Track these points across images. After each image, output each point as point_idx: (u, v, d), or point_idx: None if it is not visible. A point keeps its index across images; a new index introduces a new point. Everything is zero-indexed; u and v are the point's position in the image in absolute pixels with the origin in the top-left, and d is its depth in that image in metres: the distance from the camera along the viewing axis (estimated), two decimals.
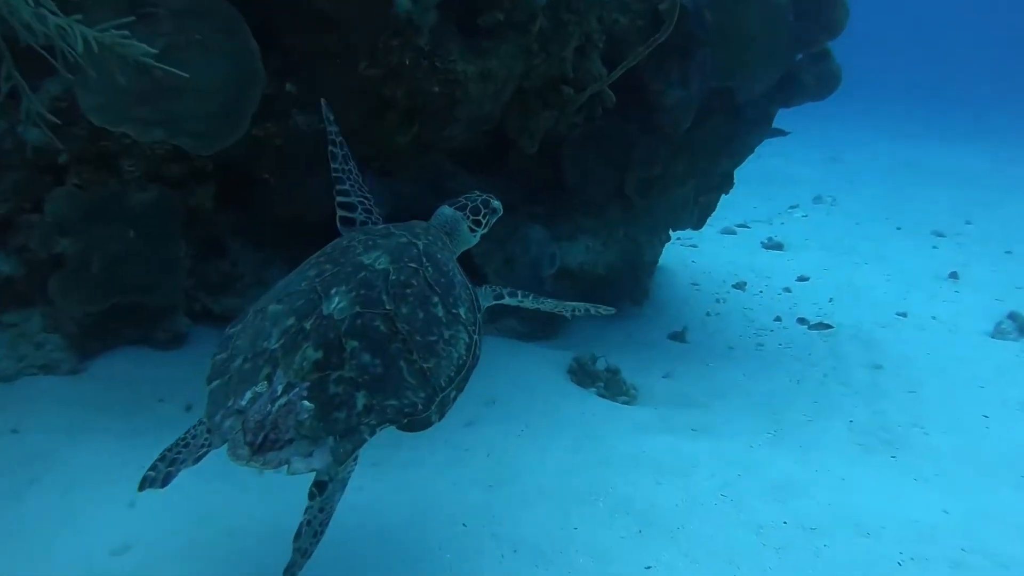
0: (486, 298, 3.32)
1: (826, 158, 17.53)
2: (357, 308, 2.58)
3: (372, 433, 2.46)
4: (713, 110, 6.48)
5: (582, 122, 5.78)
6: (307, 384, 2.42)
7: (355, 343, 2.51)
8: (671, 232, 7.82)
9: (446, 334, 2.74)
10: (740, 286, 8.80)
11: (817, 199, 13.57)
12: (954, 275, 9.41)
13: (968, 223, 12.02)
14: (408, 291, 2.72)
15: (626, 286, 7.28)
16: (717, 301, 8.31)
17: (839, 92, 7.21)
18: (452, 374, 2.69)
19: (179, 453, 2.61)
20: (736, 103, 6.50)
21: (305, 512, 2.67)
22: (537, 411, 5.04)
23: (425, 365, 2.60)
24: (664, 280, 8.46)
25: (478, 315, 3.01)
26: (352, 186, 3.47)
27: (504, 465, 4.26)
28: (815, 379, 6.05)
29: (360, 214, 3.38)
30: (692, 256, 9.91)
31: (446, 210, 3.45)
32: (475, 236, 3.50)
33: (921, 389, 5.85)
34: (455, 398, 2.73)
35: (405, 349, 2.57)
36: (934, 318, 7.93)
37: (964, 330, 7.65)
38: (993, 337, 7.51)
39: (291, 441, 2.34)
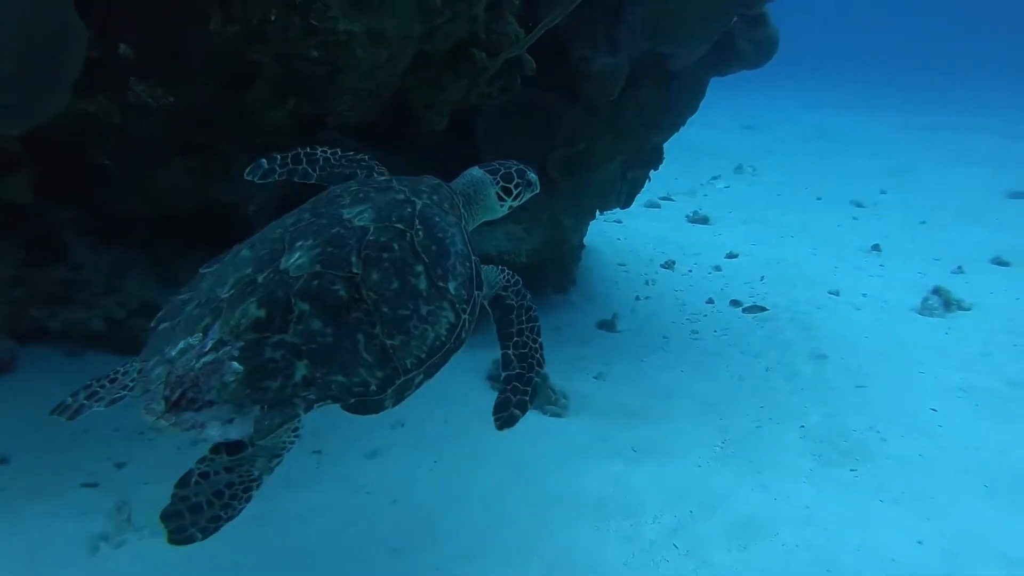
0: (494, 278, 2.80)
1: (742, 126, 17.12)
2: (317, 267, 2.26)
3: (308, 409, 2.14)
4: (643, 79, 5.65)
5: (498, 93, 4.85)
6: (240, 344, 2.13)
7: (306, 306, 2.20)
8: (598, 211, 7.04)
9: (423, 310, 2.38)
10: (669, 265, 8.12)
11: (738, 169, 13.07)
12: (877, 247, 9.03)
13: (883, 192, 11.72)
14: (385, 255, 2.37)
15: (551, 273, 6.47)
16: (647, 283, 7.59)
17: None
18: (422, 356, 2.34)
19: (102, 387, 2.29)
20: (669, 71, 5.69)
21: (201, 461, 2.16)
22: (454, 433, 4.20)
23: (388, 342, 2.26)
24: (590, 262, 7.69)
25: (475, 292, 2.59)
26: (343, 167, 3.08)
27: (414, 518, 3.40)
28: (758, 374, 5.39)
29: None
30: (617, 233, 9.18)
31: (474, 171, 3.09)
32: (503, 207, 3.07)
33: (867, 382, 5.28)
34: (420, 383, 2.38)
35: (367, 321, 2.25)
36: (864, 295, 7.46)
37: (894, 307, 7.21)
38: (921, 314, 7.11)
39: (211, 404, 2.06)
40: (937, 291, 7.32)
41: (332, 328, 2.20)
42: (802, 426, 4.58)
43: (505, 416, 2.70)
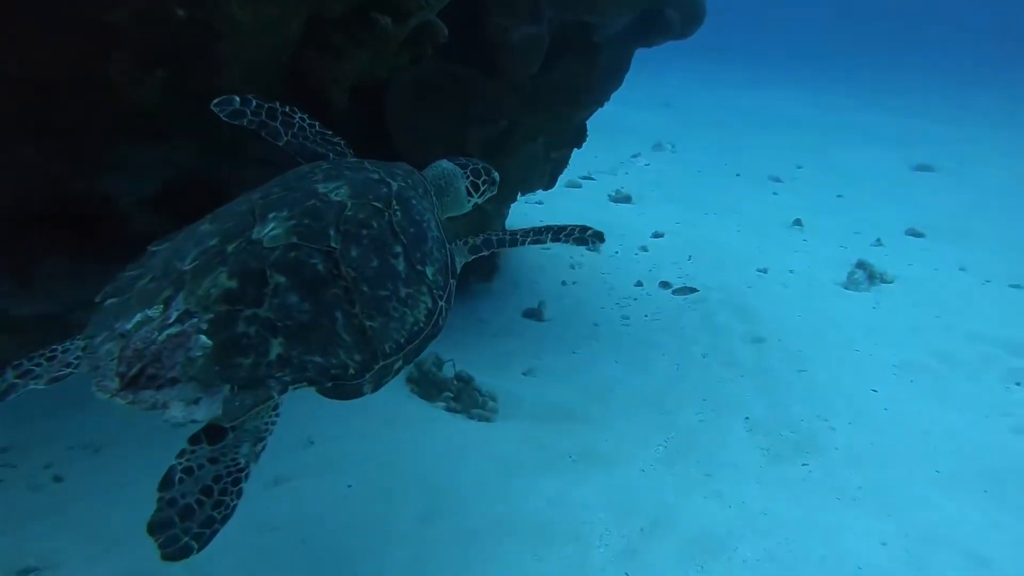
0: (461, 254, 2.69)
1: (659, 103, 16.92)
2: (294, 239, 2.08)
3: (283, 391, 1.92)
4: (566, 50, 5.19)
5: (408, 65, 4.29)
6: (210, 316, 1.91)
7: (282, 279, 2.01)
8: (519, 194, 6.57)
9: (402, 292, 2.22)
10: (593, 247, 7.72)
11: (657, 146, 12.82)
12: (798, 222, 8.91)
13: (799, 167, 11.69)
14: (364, 232, 2.21)
15: (474, 262, 5.97)
16: (572, 267, 7.20)
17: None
18: (401, 340, 2.18)
19: (38, 365, 2.04)
20: (593, 41, 5.24)
21: (180, 455, 1.88)
22: (370, 451, 3.67)
23: (368, 323, 2.10)
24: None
25: (450, 281, 2.47)
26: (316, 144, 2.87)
27: (326, 562, 2.87)
28: (696, 361, 5.06)
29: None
30: (539, 215, 8.74)
31: (444, 163, 2.97)
32: (469, 203, 2.99)
33: (807, 366, 5.03)
34: (399, 369, 2.20)
35: (346, 299, 2.08)
36: (791, 272, 7.28)
37: (821, 283, 7.07)
38: (847, 288, 7.00)
39: (174, 381, 1.83)
40: (861, 265, 7.23)
41: (310, 304, 2.00)
42: (747, 418, 4.26)
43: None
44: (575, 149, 6.55)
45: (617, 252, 7.74)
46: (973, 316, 6.33)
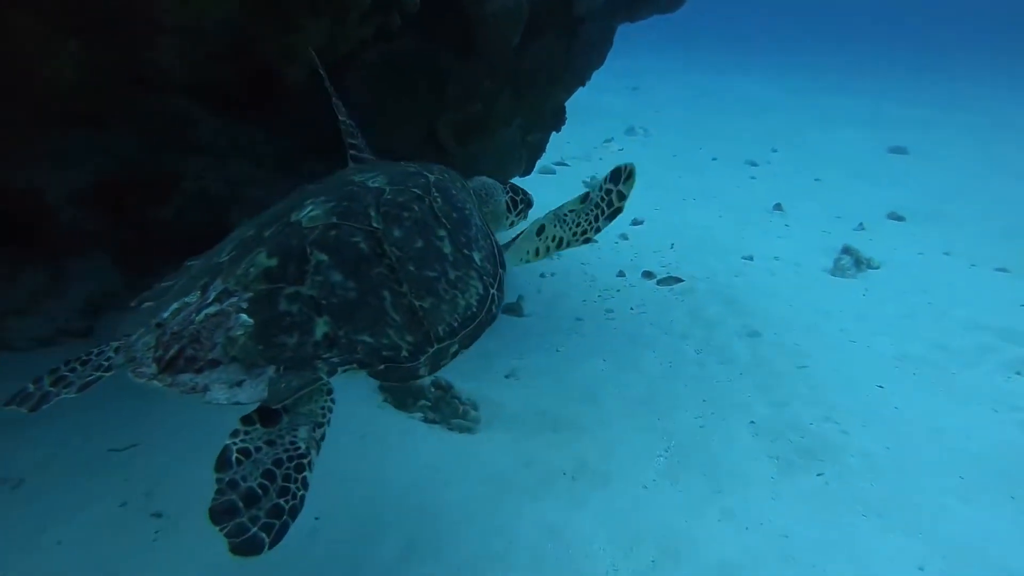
0: (514, 259, 2.57)
1: (628, 87, 16.53)
2: (333, 219, 1.97)
3: (332, 373, 1.76)
4: (546, 25, 4.74)
5: (373, 40, 3.81)
6: (249, 295, 1.80)
7: (324, 257, 1.89)
8: None
9: (451, 274, 2.09)
10: None
11: (630, 130, 12.44)
12: (779, 207, 8.62)
13: (775, 151, 11.40)
14: (405, 214, 2.10)
15: None
16: (551, 257, 6.75)
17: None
18: (455, 324, 2.04)
19: (72, 370, 1.91)
20: (574, 16, 4.79)
21: (234, 435, 1.70)
22: (340, 473, 3.21)
23: (418, 303, 1.96)
24: None
25: (499, 270, 2.35)
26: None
27: None
28: (690, 358, 4.68)
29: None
30: None
31: (483, 177, 2.97)
32: (508, 220, 2.93)
33: (807, 361, 4.67)
34: (456, 354, 2.06)
35: (392, 278, 1.95)
36: (777, 259, 6.97)
37: (808, 270, 6.77)
38: (834, 275, 6.72)
39: (215, 363, 1.70)
40: (847, 251, 6.98)
41: (354, 282, 1.90)
42: (752, 421, 3.89)
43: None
44: (554, 132, 6.12)
45: (596, 240, 7.31)
46: (964, 303, 6.07)
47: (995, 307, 6.00)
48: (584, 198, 2.65)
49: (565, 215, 2.65)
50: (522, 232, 2.56)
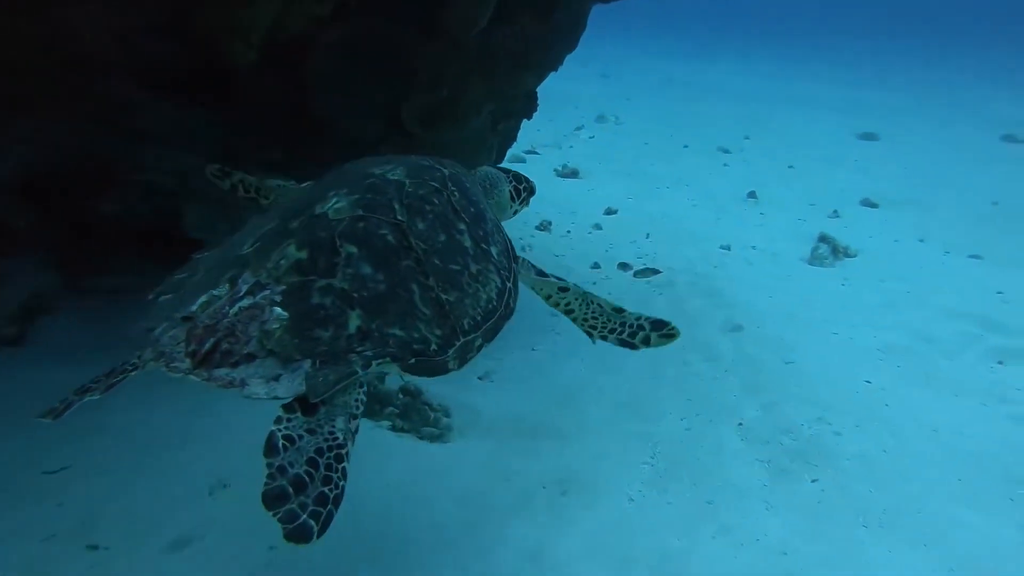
0: (526, 269, 2.51)
1: (596, 74, 16.27)
2: (360, 211, 1.96)
3: (366, 367, 1.73)
4: (516, 8, 4.43)
5: (331, 19, 3.48)
6: (282, 287, 1.78)
7: (353, 249, 1.88)
8: None
9: (473, 268, 2.08)
10: (545, 227, 7.05)
11: (600, 118, 12.18)
12: (753, 195, 8.44)
13: (746, 138, 11.24)
14: (427, 207, 2.09)
15: None
16: (523, 249, 6.48)
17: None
18: (478, 318, 2.02)
19: (97, 382, 1.84)
20: None
21: (276, 422, 1.69)
22: None
23: (444, 296, 1.95)
24: None
25: (513, 264, 2.31)
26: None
27: None
28: (672, 357, 4.43)
29: None
30: None
31: (486, 167, 2.92)
32: (511, 208, 2.94)
33: (792, 355, 4.48)
34: (480, 348, 2.02)
35: (419, 271, 1.94)
36: (754, 248, 6.78)
37: (786, 259, 6.60)
38: (811, 264, 6.56)
39: (251, 357, 1.69)
40: (824, 239, 6.82)
41: (384, 275, 1.88)
42: (740, 423, 3.67)
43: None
44: (525, 119, 5.82)
45: (569, 231, 7.07)
46: (942, 291, 5.95)
47: (972, 295, 5.89)
48: (619, 311, 2.65)
49: (592, 302, 2.63)
50: (551, 276, 2.56)
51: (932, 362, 4.68)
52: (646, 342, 2.60)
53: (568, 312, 2.65)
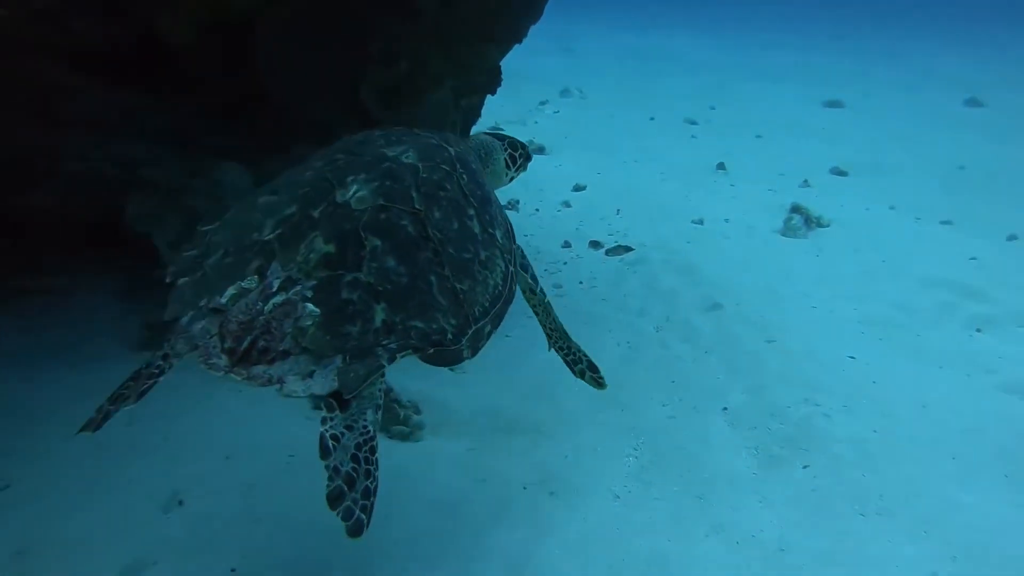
0: (519, 257, 2.43)
1: (559, 48, 15.91)
2: (381, 201, 1.96)
3: (391, 359, 1.79)
4: None
5: None
6: (312, 283, 1.79)
7: (377, 241, 1.88)
8: None
9: (482, 254, 2.10)
10: (512, 205, 6.81)
11: (565, 92, 11.88)
12: (722, 166, 8.27)
13: (712, 108, 11.05)
14: (441, 194, 2.09)
15: None
16: None
17: None
18: (487, 304, 2.05)
19: (126, 388, 1.85)
20: None
21: (322, 423, 1.75)
22: (262, 508, 2.67)
23: (458, 286, 1.97)
24: None
25: (514, 245, 2.33)
26: None
27: None
28: (650, 337, 4.26)
29: None
30: None
31: (482, 136, 2.93)
32: (507, 176, 2.96)
33: (774, 334, 4.31)
34: (490, 334, 2.05)
35: (436, 261, 1.95)
36: (727, 221, 6.61)
37: (760, 231, 6.45)
38: (785, 235, 6.43)
39: (287, 354, 1.71)
40: (796, 209, 6.69)
41: (406, 267, 1.88)
42: (725, 408, 3.50)
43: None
44: (489, 95, 5.54)
45: (538, 210, 6.84)
46: (916, 258, 5.87)
47: (946, 262, 5.82)
48: (566, 337, 2.77)
49: (551, 315, 2.74)
50: (528, 275, 2.56)
51: (913, 333, 4.57)
52: (581, 375, 2.71)
53: (534, 312, 2.71)
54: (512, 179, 3.01)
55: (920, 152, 9.07)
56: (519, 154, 2.97)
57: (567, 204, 6.96)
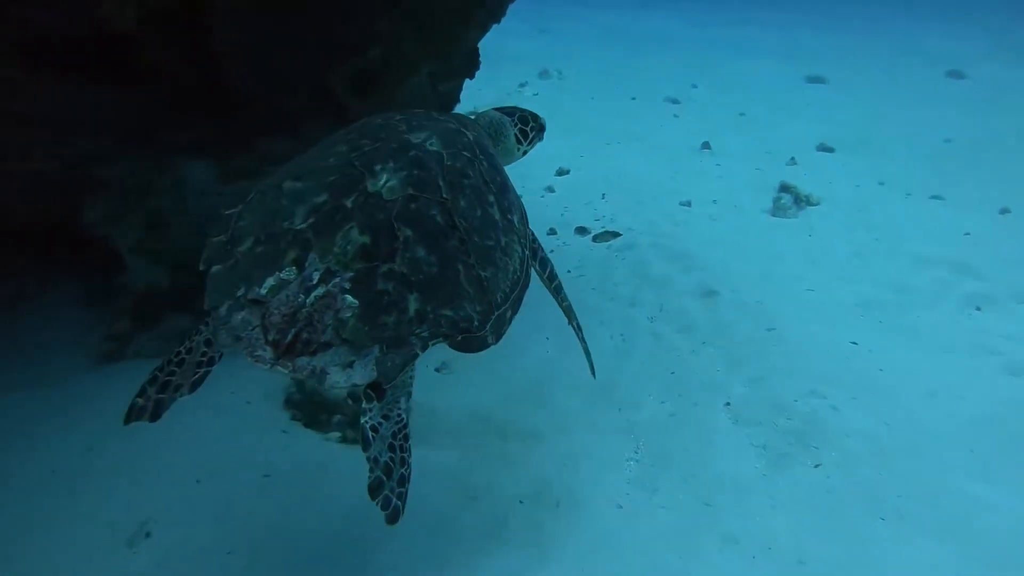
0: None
1: (536, 29, 15.57)
2: (410, 190, 1.98)
3: (424, 347, 1.84)
4: None
5: None
6: (350, 274, 1.81)
7: (408, 232, 1.90)
8: None
9: (503, 241, 2.11)
10: None
11: (543, 74, 11.59)
12: (707, 145, 8.06)
13: (694, 87, 10.82)
14: (465, 182, 2.11)
15: None
16: None
17: None
18: (507, 290, 2.10)
19: (172, 375, 1.96)
20: None
21: (363, 415, 1.86)
22: (239, 536, 2.45)
23: (483, 273, 2.00)
24: None
25: (528, 230, 2.37)
26: None
27: None
28: (644, 328, 4.06)
29: None
30: None
31: (491, 112, 2.88)
32: (520, 150, 2.92)
33: (773, 321, 4.13)
34: (510, 319, 2.12)
35: (462, 250, 1.97)
36: (715, 202, 6.42)
37: (749, 212, 6.26)
38: (775, 215, 6.25)
39: (328, 346, 1.74)
40: (785, 188, 6.49)
41: (436, 257, 1.91)
42: (728, 403, 3.31)
43: None
44: (467, 79, 5.28)
45: (521, 195, 6.57)
46: (909, 236, 5.72)
47: (940, 238, 5.67)
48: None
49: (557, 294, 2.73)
50: (536, 264, 2.54)
51: (913, 315, 4.42)
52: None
53: (550, 292, 2.70)
54: (525, 153, 2.97)
55: (905, 126, 8.91)
56: (530, 127, 2.92)
57: (551, 189, 6.73)
